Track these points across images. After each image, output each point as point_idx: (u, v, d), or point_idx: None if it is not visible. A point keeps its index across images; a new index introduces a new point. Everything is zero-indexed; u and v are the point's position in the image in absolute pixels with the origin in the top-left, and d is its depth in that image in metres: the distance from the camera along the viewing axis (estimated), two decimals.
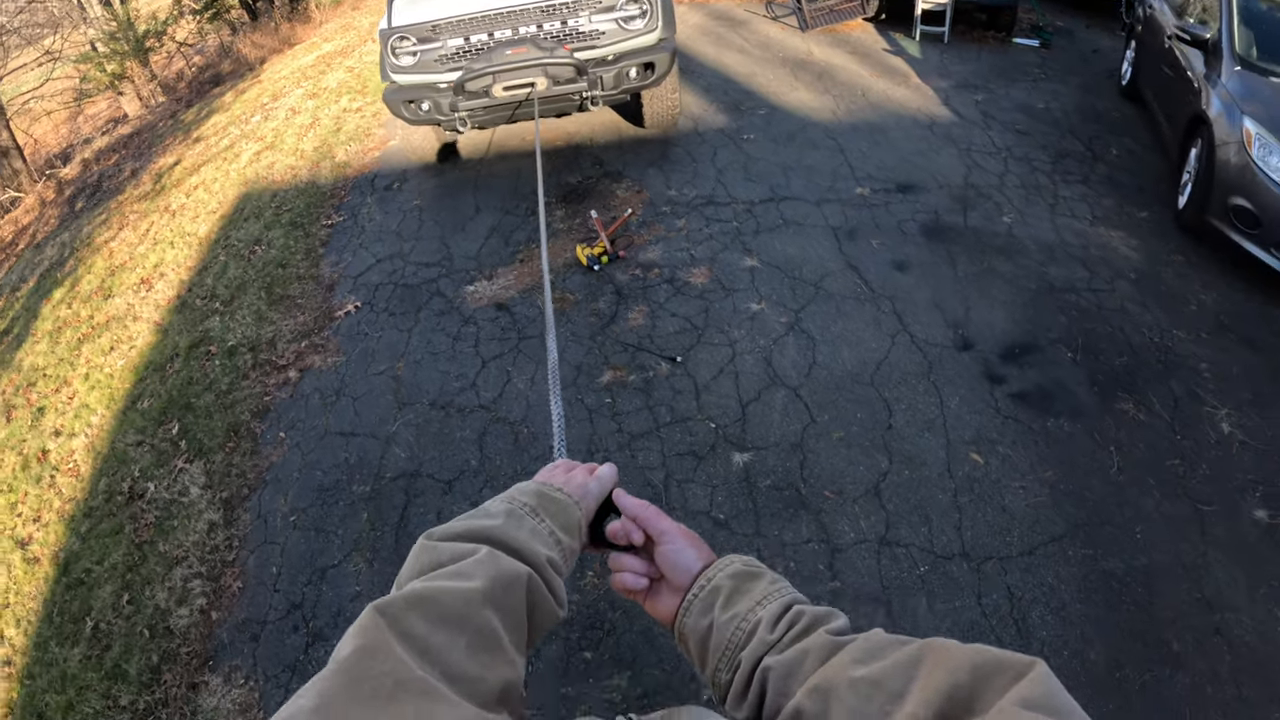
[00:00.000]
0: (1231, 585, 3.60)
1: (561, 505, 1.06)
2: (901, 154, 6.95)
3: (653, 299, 5.53)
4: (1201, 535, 3.81)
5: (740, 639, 0.97)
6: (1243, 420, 4.36)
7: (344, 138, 8.70)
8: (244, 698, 3.90)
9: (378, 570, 4.18)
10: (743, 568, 1.04)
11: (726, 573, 1.03)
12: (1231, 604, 3.53)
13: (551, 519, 1.03)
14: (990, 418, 4.45)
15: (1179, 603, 3.56)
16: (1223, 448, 4.22)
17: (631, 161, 7.19)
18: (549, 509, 1.05)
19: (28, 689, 4.39)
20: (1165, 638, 3.45)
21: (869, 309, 5.23)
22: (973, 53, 9.12)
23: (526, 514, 1.02)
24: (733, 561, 1.05)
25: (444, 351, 5.39)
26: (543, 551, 0.97)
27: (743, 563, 1.05)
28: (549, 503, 1.06)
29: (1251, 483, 4.03)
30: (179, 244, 7.66)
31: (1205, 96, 5.76)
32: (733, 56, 9.21)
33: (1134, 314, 5.10)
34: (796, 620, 0.95)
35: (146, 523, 4.86)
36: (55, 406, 6.20)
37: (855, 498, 4.10)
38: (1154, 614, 3.53)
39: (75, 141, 17.45)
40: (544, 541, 1.00)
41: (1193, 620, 3.50)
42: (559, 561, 1.00)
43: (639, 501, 1.12)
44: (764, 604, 0.98)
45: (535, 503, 1.05)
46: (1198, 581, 3.63)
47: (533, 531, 1.00)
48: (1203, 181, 5.52)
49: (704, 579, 1.04)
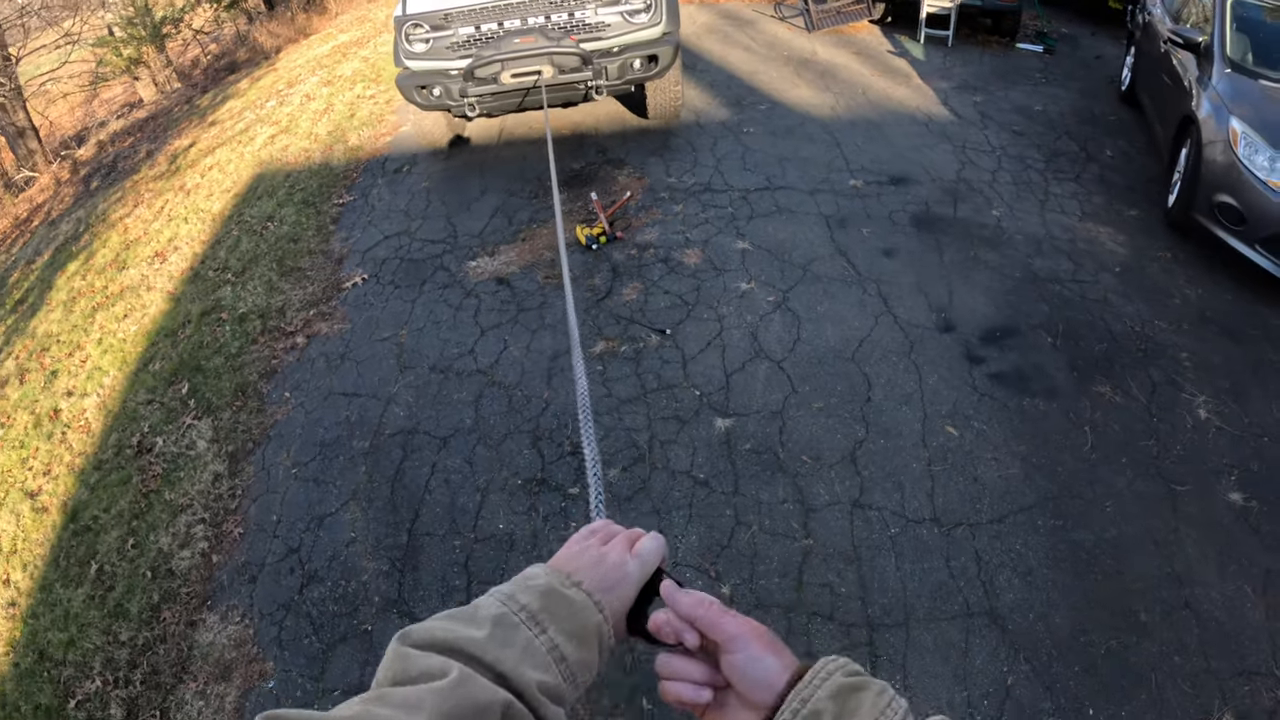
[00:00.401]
0: (1202, 562, 3.73)
1: (574, 607, 0.87)
2: (897, 149, 7.12)
3: (647, 277, 5.71)
4: (1174, 513, 3.95)
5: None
6: (1220, 407, 4.50)
7: (357, 123, 8.91)
8: (239, 634, 4.08)
9: (372, 518, 4.37)
10: (844, 680, 0.83)
11: (826, 690, 0.82)
12: (1202, 579, 3.66)
13: (557, 627, 0.85)
14: (967, 394, 4.61)
15: (1148, 575, 3.70)
16: (1199, 432, 4.36)
17: (633, 150, 7.38)
18: (556, 612, 0.86)
19: (30, 628, 4.58)
20: (1133, 608, 3.58)
21: (855, 291, 5.40)
22: (975, 56, 9.29)
23: (523, 621, 0.85)
24: (831, 673, 0.84)
25: (445, 321, 5.59)
26: (532, 676, 0.81)
27: (843, 672, 0.84)
28: (557, 603, 0.87)
29: (1227, 466, 4.16)
30: (193, 220, 7.86)
31: (1196, 98, 5.91)
32: (738, 54, 9.40)
33: (1116, 305, 5.25)
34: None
35: (154, 474, 5.06)
36: (68, 369, 6.40)
37: (831, 463, 4.26)
38: (1122, 584, 3.67)
39: (90, 124, 17.68)
40: (537, 661, 0.83)
41: (1162, 593, 3.63)
42: (557, 684, 0.83)
43: (695, 597, 0.90)
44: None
45: (539, 605, 0.86)
46: (1168, 557, 3.77)
47: (525, 648, 0.83)
48: (1190, 180, 5.67)
49: (796, 699, 0.82)
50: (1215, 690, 3.27)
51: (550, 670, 0.83)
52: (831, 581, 3.76)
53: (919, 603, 3.65)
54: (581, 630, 0.86)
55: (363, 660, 3.82)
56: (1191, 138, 5.79)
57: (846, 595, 3.71)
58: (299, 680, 3.83)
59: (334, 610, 4.04)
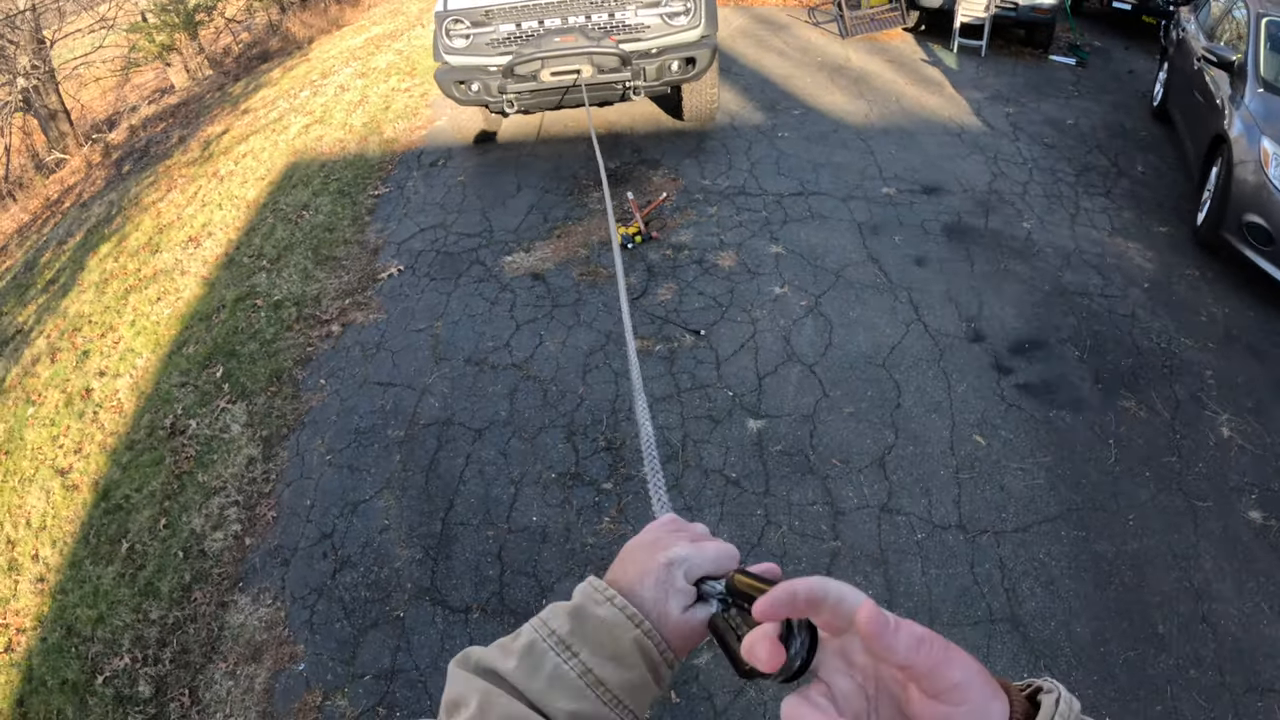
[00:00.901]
0: (1220, 577, 3.77)
1: (606, 625, 0.77)
2: (929, 158, 7.16)
3: (681, 278, 5.78)
4: (1194, 528, 3.99)
5: None
6: (1243, 426, 4.53)
7: (392, 115, 8.99)
8: (270, 616, 4.15)
9: (406, 506, 4.44)
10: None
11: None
12: (1220, 595, 3.70)
13: (590, 650, 0.77)
14: (995, 404, 4.65)
15: (1167, 589, 3.74)
16: (1221, 450, 4.40)
17: (669, 151, 7.44)
18: (587, 634, 0.77)
19: (59, 603, 4.66)
20: (1151, 619, 3.63)
21: (886, 298, 5.45)
22: (1008, 67, 9.31)
23: (551, 647, 0.77)
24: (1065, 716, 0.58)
25: (481, 314, 5.66)
26: (563, 705, 0.74)
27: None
28: (587, 623, 0.78)
29: (1248, 484, 4.20)
30: (227, 206, 7.95)
31: (1228, 117, 5.93)
32: (772, 59, 9.45)
33: (1144, 320, 5.28)
34: None
35: (187, 455, 5.14)
36: (100, 350, 6.49)
37: (861, 468, 4.32)
38: (1142, 597, 3.72)
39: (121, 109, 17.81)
40: (568, 688, 0.75)
41: (1180, 606, 3.67)
42: (595, 712, 0.75)
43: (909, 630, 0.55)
44: None
45: (568, 628, 0.78)
46: (1187, 571, 3.81)
47: (553, 676, 0.75)
48: (1220, 198, 5.69)
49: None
50: (1229, 705, 3.31)
51: (585, 697, 0.74)
52: (858, 583, 3.81)
53: (943, 607, 3.71)
54: (618, 650, 0.76)
55: (394, 646, 3.89)
56: (1222, 156, 5.81)
57: (873, 597, 3.71)
58: (329, 664, 3.89)
59: (366, 596, 4.11)
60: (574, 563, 4.06)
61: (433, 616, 3.96)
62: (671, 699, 3.52)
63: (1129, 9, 10.59)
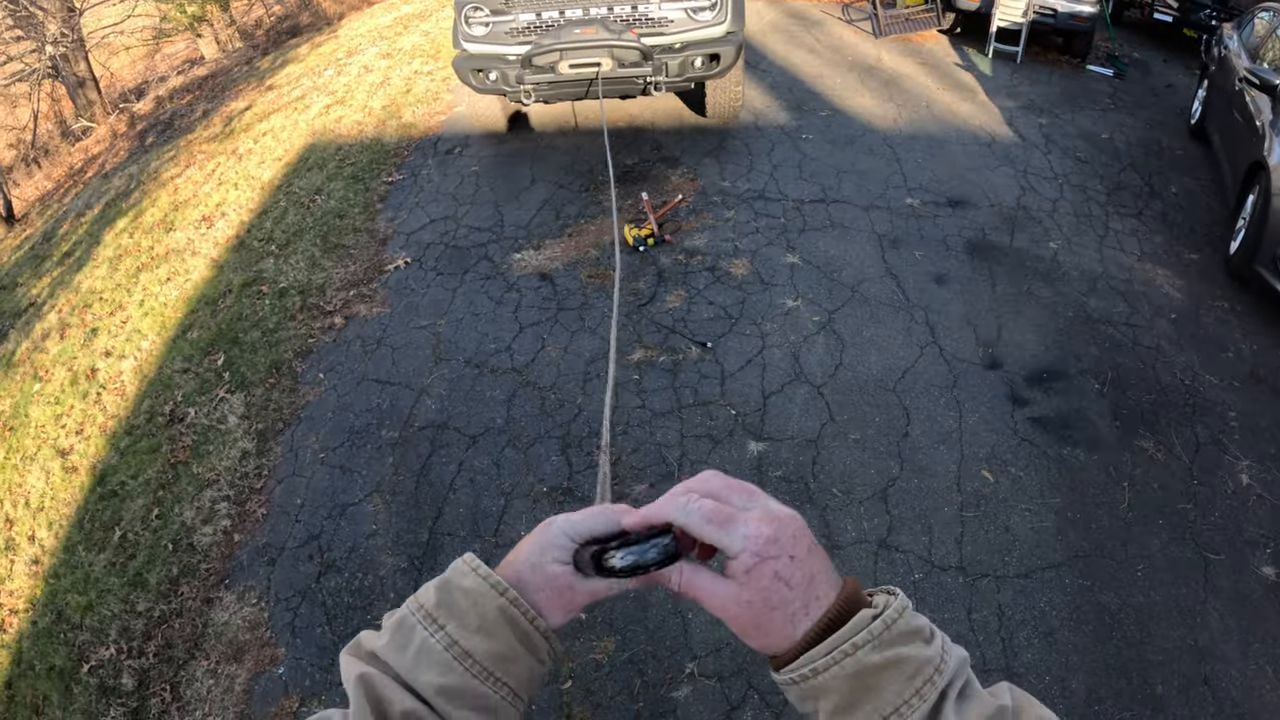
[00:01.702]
0: (1226, 637, 3.63)
1: (471, 596, 0.75)
2: (957, 169, 6.97)
3: (692, 285, 5.64)
4: (1204, 583, 3.84)
5: None
6: (1263, 474, 4.36)
7: (412, 99, 8.88)
8: (254, 616, 4.09)
9: (395, 512, 4.35)
10: (871, 659, 0.68)
11: (843, 671, 0.68)
12: (1223, 655, 3.56)
13: (456, 622, 0.74)
14: (1007, 438, 4.50)
15: (1170, 646, 3.60)
16: (1239, 499, 4.23)
17: (689, 149, 7.29)
18: (453, 605, 0.75)
19: (51, 587, 4.63)
20: (1151, 680, 3.49)
21: (902, 318, 5.29)
22: (1044, 75, 9.08)
23: (420, 621, 0.75)
24: (856, 646, 0.68)
25: (485, 313, 5.55)
26: (429, 679, 0.72)
27: (871, 647, 0.68)
28: (453, 595, 0.76)
29: (1263, 538, 4.04)
30: (243, 186, 7.89)
31: (1268, 143, 5.70)
32: (802, 56, 9.25)
33: (1168, 354, 5.11)
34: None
35: (183, 445, 5.08)
36: (108, 329, 6.44)
37: (862, 499, 4.18)
38: (1143, 654, 3.57)
39: (150, 79, 17.83)
40: (434, 661, 0.73)
41: (1181, 666, 3.53)
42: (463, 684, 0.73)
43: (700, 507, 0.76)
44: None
45: (434, 600, 0.76)
46: (1192, 628, 3.66)
47: (420, 649, 0.73)
48: (1255, 229, 5.48)
49: (805, 667, 0.69)
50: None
51: (452, 670, 0.72)
52: None
53: None
54: (484, 620, 0.74)
55: None
56: (1260, 185, 5.60)
57: None
58: (309, 669, 3.83)
59: (349, 602, 4.03)
60: None
61: None
62: None
63: (1170, 21, 10.32)
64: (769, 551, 0.71)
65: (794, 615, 0.71)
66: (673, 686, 3.55)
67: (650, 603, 3.80)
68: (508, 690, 0.75)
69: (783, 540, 0.72)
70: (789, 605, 0.71)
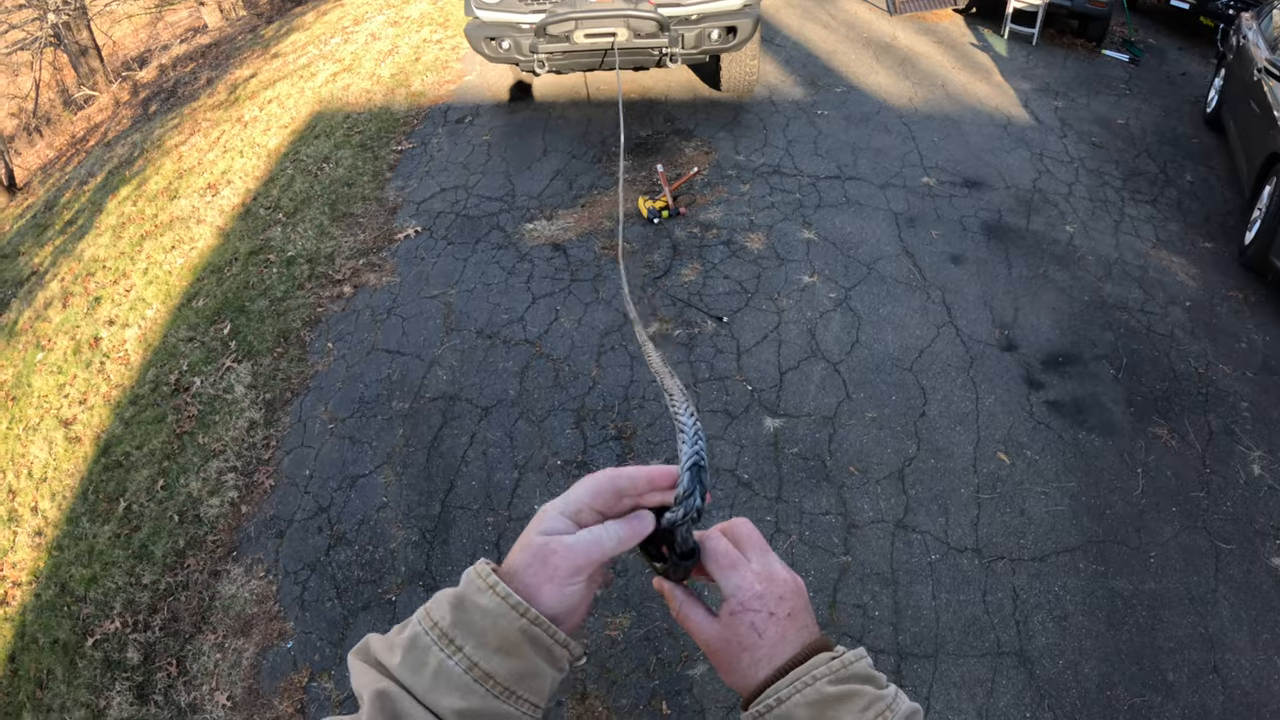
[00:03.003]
0: (1236, 626, 3.62)
1: (489, 615, 0.71)
2: (973, 149, 6.90)
3: (707, 258, 5.58)
4: (1215, 572, 3.83)
5: None
6: (1275, 465, 4.35)
7: (421, 68, 8.77)
8: (262, 589, 4.06)
9: (406, 484, 4.31)
10: (828, 690, 0.75)
11: (804, 699, 0.75)
12: (1233, 644, 3.56)
13: (475, 642, 0.71)
14: (1023, 421, 4.46)
15: (1180, 634, 3.59)
16: (1250, 489, 4.21)
17: (703, 122, 7.20)
18: (470, 625, 0.71)
19: (54, 560, 4.59)
20: (1162, 666, 3.49)
21: (919, 297, 5.24)
22: (1059, 58, 8.98)
23: (435, 641, 0.71)
24: (815, 679, 0.76)
25: (497, 284, 5.49)
26: (449, 703, 0.69)
27: (830, 678, 0.76)
28: (470, 613, 0.72)
29: (1274, 529, 4.02)
30: (248, 154, 7.79)
31: None
32: (816, 31, 9.15)
33: (1182, 342, 5.07)
34: None
35: (189, 415, 5.03)
36: (112, 297, 6.37)
37: (879, 478, 4.15)
38: (1154, 640, 3.57)
39: (153, 47, 17.64)
40: (454, 684, 0.69)
41: (1191, 654, 3.53)
42: (484, 707, 0.70)
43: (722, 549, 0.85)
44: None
45: (450, 619, 0.72)
46: (1203, 616, 3.65)
47: (437, 672, 0.70)
48: (1271, 220, 5.43)
49: (772, 696, 0.76)
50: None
51: (473, 693, 0.69)
52: (866, 603, 3.67)
53: (950, 635, 3.56)
54: (505, 641, 0.71)
55: (383, 630, 3.77)
56: (1276, 175, 5.54)
57: (879, 619, 3.62)
58: (318, 644, 3.80)
59: (359, 576, 4.00)
60: None
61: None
62: (662, 710, 3.40)
63: (1187, 8, 10.18)
64: (752, 605, 0.80)
65: (758, 660, 0.79)
66: (689, 664, 3.53)
67: None
68: (529, 705, 0.73)
69: (768, 598, 0.80)
70: (756, 650, 0.79)
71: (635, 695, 3.46)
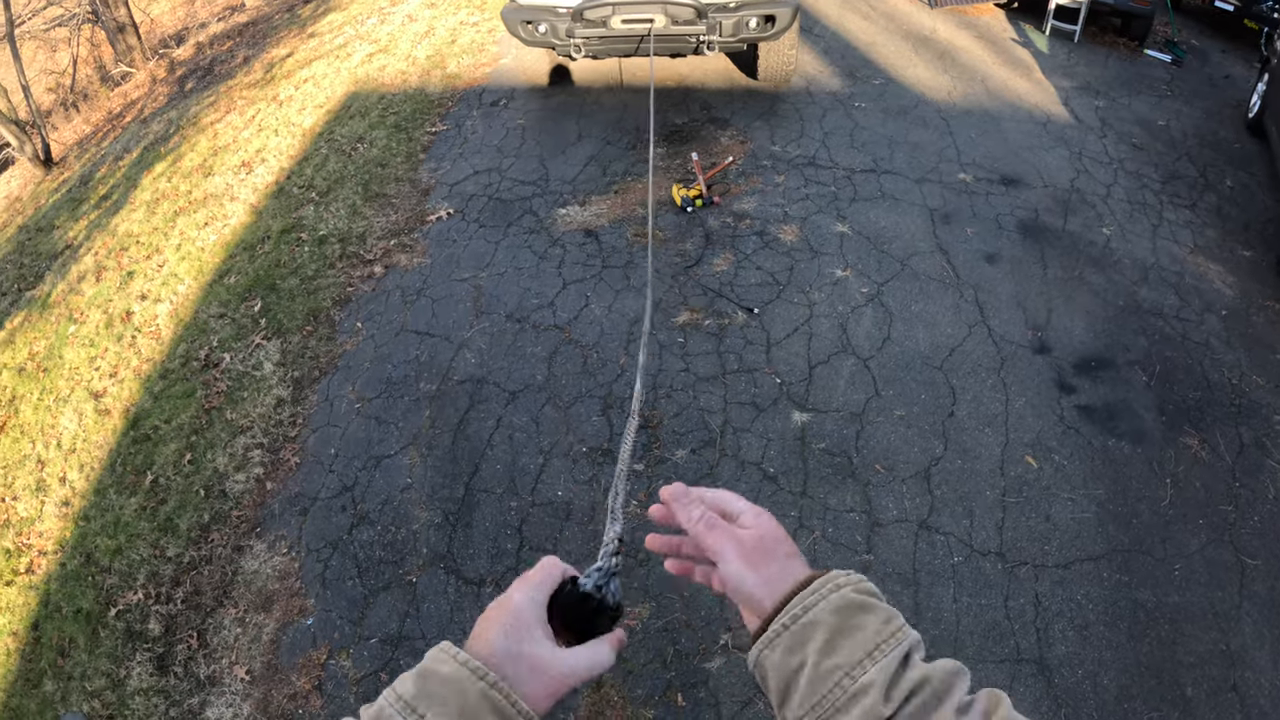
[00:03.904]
0: (1258, 643, 3.56)
1: (450, 684, 0.76)
2: (1011, 146, 6.81)
3: (740, 249, 5.55)
4: (1240, 587, 3.76)
5: (841, 700, 0.77)
6: None
7: (457, 50, 8.76)
8: (284, 566, 4.09)
9: (430, 466, 4.33)
10: (853, 597, 0.81)
11: (830, 605, 0.81)
12: (1254, 663, 3.50)
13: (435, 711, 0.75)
14: (1053, 425, 4.41)
15: (1202, 649, 3.54)
16: (1279, 505, 4.14)
17: (739, 111, 7.15)
18: (432, 694, 0.76)
19: (80, 530, 4.64)
20: (1181, 681, 3.44)
21: (951, 295, 5.19)
22: (1101, 57, 8.85)
23: (398, 712, 0.75)
24: (839, 586, 0.82)
25: (528, 268, 5.49)
26: None
27: (852, 587, 0.82)
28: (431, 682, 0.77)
29: None
30: (283, 133, 7.82)
31: None
32: (855, 22, 9.06)
33: (1217, 351, 4.98)
34: (919, 689, 0.76)
35: (218, 390, 5.06)
36: (145, 273, 6.42)
37: (905, 477, 4.12)
38: (1175, 654, 3.52)
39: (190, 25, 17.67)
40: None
41: (1212, 669, 3.48)
42: None
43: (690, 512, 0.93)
44: (876, 657, 0.77)
45: (414, 691, 0.77)
46: (1225, 632, 3.60)
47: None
48: None
49: (799, 605, 0.82)
50: None
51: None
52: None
53: (970, 639, 3.54)
54: (465, 705, 0.75)
55: (403, 611, 3.80)
56: None
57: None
58: (338, 622, 3.83)
59: (381, 556, 4.02)
60: (595, 545, 3.88)
61: (445, 585, 3.86)
62: (677, 701, 3.40)
63: (1231, 10, 9.99)
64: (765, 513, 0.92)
65: (790, 554, 0.89)
66: (706, 657, 3.52)
67: None
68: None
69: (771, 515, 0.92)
70: (786, 544, 0.89)
71: (651, 685, 3.46)
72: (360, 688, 3.60)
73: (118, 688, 3.88)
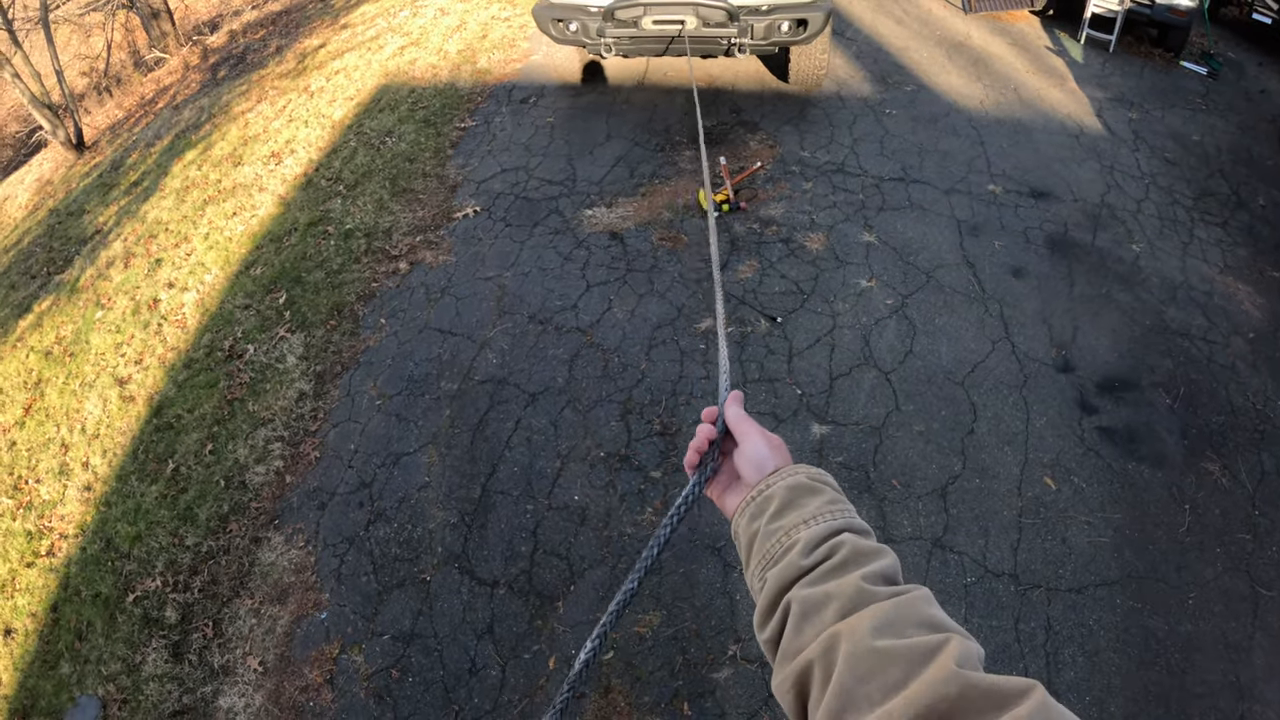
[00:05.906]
0: (1269, 676, 3.53)
1: None
2: (1042, 158, 6.75)
3: (765, 256, 5.54)
4: (1253, 618, 3.72)
5: (777, 552, 0.94)
6: None
7: (488, 45, 8.78)
8: (301, 559, 4.13)
9: (448, 465, 4.36)
10: (804, 480, 1.00)
11: (785, 483, 1.00)
12: (1263, 697, 3.46)
13: None
14: (1073, 446, 4.38)
15: (1211, 680, 3.51)
16: None
17: (769, 115, 7.12)
18: None
19: (102, 515, 4.70)
20: (1188, 711, 3.41)
21: (976, 309, 5.15)
22: (1136, 67, 8.75)
23: None
24: (796, 472, 1.01)
25: (552, 269, 5.50)
26: None
27: (807, 475, 1.01)
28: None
29: None
30: (313, 124, 7.86)
31: None
32: (888, 26, 9.00)
33: (1243, 375, 4.91)
34: (835, 551, 0.90)
35: (241, 381, 5.11)
36: (172, 260, 6.48)
37: (921, 494, 4.11)
38: (1184, 685, 3.49)
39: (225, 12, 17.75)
40: None
41: (1220, 701, 3.44)
42: None
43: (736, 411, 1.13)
44: (810, 524, 0.94)
45: None
46: (1235, 664, 3.56)
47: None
48: None
49: (765, 484, 1.01)
50: None
51: None
52: None
53: None
54: None
55: (416, 609, 3.83)
56: None
57: None
58: (351, 617, 3.87)
59: (396, 553, 4.05)
60: (609, 551, 3.94)
61: (459, 585, 3.89)
62: (683, 710, 3.41)
63: (1269, 23, 9.85)
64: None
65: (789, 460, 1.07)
66: (714, 667, 3.53)
67: (699, 580, 3.77)
68: None
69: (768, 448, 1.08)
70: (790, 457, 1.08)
71: (658, 693, 3.47)
72: (371, 683, 3.63)
73: (133, 673, 3.94)
